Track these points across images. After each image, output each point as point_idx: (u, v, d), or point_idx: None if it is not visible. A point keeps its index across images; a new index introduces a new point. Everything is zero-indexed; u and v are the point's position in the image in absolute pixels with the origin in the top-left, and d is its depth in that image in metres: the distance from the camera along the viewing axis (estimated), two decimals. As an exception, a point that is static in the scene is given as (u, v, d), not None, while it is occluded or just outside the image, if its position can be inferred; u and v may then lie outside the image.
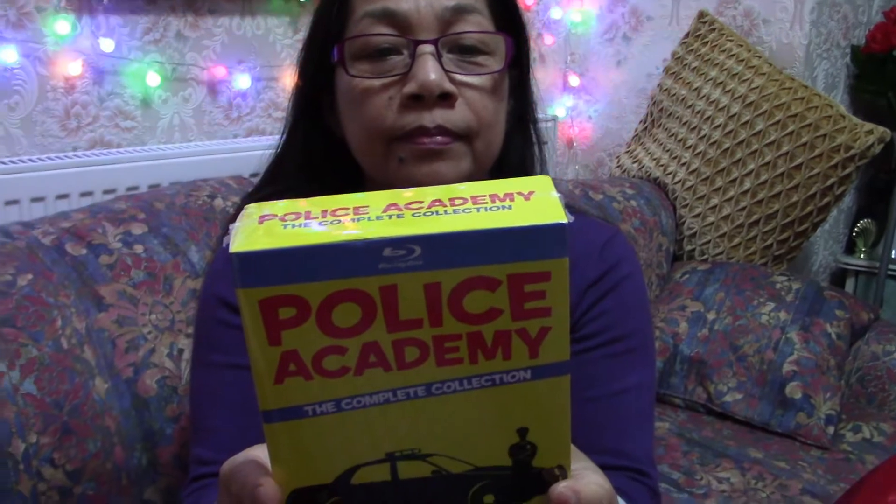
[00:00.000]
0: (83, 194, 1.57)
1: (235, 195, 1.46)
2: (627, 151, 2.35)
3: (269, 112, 1.91)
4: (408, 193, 0.47)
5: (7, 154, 1.57)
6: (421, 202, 0.46)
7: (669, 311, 1.91)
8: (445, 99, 0.78)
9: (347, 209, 0.46)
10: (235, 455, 0.56)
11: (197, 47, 1.78)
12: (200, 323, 0.90)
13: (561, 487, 0.49)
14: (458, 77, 0.79)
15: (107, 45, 1.63)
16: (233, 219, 0.94)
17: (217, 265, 0.90)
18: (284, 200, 0.48)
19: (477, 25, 0.80)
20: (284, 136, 0.92)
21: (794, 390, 1.73)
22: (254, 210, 0.47)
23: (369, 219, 0.45)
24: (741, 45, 2.15)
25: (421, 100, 0.77)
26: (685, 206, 2.14)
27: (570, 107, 2.59)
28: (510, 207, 0.45)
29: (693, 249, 2.14)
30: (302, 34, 0.84)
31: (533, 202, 0.45)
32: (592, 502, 0.50)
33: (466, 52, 0.80)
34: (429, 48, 0.78)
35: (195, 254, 1.33)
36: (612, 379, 0.85)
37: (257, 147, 0.93)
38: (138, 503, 1.20)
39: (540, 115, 0.94)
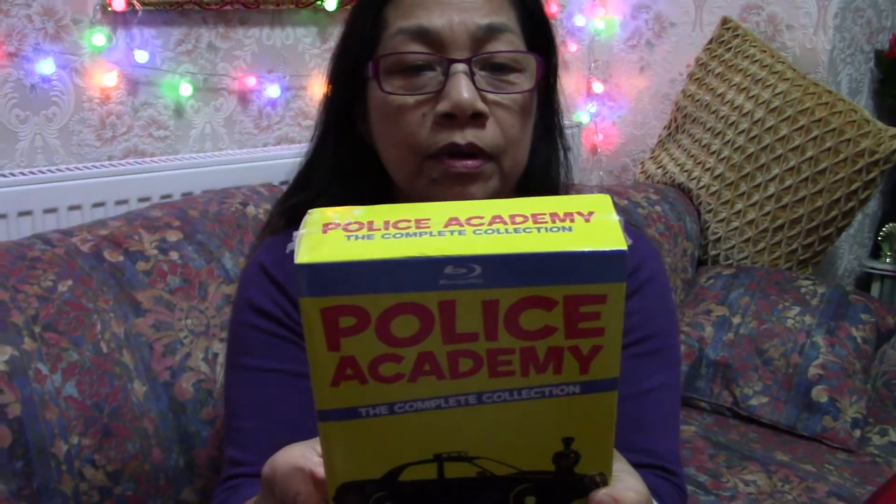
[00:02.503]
0: (118, 202, 1.60)
1: (267, 203, 1.49)
2: (651, 157, 2.36)
3: (298, 121, 1.94)
4: (468, 207, 0.48)
5: (45, 164, 1.62)
6: (482, 218, 0.47)
7: (695, 316, 1.92)
8: (477, 118, 0.80)
9: (409, 221, 0.47)
10: (276, 455, 0.58)
11: (228, 58, 1.81)
12: (233, 327, 0.92)
13: (601, 495, 0.51)
14: (490, 96, 0.81)
15: (141, 56, 1.67)
16: (268, 225, 0.97)
17: (250, 271, 0.93)
18: (345, 207, 0.49)
19: (509, 44, 0.82)
20: (315, 144, 0.94)
21: (819, 394, 1.74)
22: (317, 217, 0.48)
23: (431, 234, 0.46)
24: (765, 51, 2.16)
25: (453, 118, 0.79)
26: (710, 211, 2.15)
27: (593, 113, 2.61)
28: (570, 229, 0.46)
29: (718, 254, 2.15)
30: (330, 44, 0.86)
31: (593, 224, 0.46)
32: None
33: (498, 70, 0.82)
34: (462, 67, 0.80)
35: (229, 260, 1.37)
36: (638, 379, 0.87)
37: (287, 155, 0.96)
38: None
39: (565, 122, 0.97)
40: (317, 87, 1.94)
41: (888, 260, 2.49)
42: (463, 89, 0.79)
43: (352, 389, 0.47)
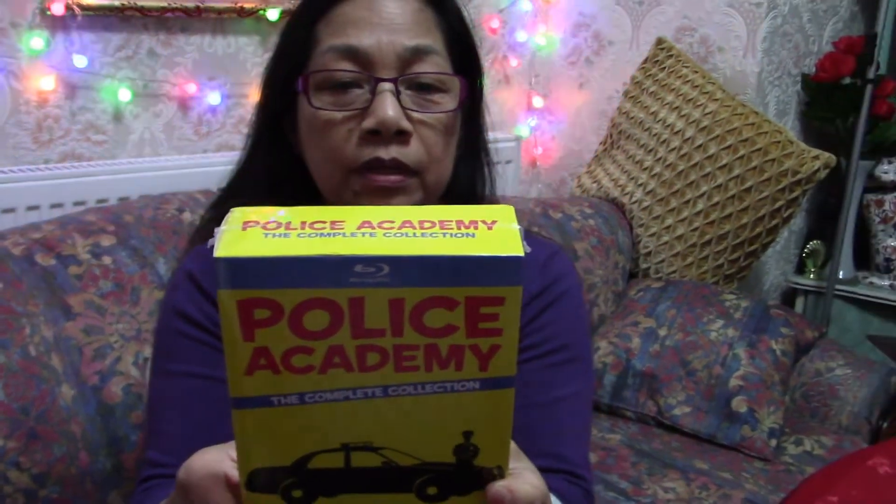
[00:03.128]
0: (54, 206, 1.60)
1: (204, 209, 1.50)
2: (587, 172, 2.42)
3: (238, 128, 1.95)
4: (381, 212, 0.52)
5: (-21, 166, 1.61)
6: (393, 222, 0.50)
7: (623, 327, 1.98)
8: (401, 135, 0.83)
9: (325, 222, 0.50)
10: (191, 459, 0.60)
11: (168, 64, 1.83)
12: (159, 333, 0.94)
13: (497, 486, 0.55)
14: (415, 115, 0.84)
15: (80, 60, 1.67)
16: (199, 231, 0.99)
17: (177, 278, 0.94)
18: (266, 207, 0.52)
19: (435, 66, 0.85)
20: (246, 153, 0.97)
21: (739, 404, 1.80)
22: (238, 215, 0.51)
23: (344, 234, 0.49)
24: (696, 72, 2.23)
25: (378, 134, 0.82)
26: (641, 225, 2.21)
27: (533, 127, 2.66)
28: (473, 235, 0.49)
29: (648, 268, 2.22)
30: (271, 53, 0.89)
31: (495, 232, 0.50)
32: (526, 501, 0.55)
33: (424, 89, 0.85)
34: (388, 86, 0.83)
35: (163, 266, 1.38)
36: (551, 387, 0.91)
37: (226, 162, 0.98)
38: (102, 506, 1.24)
39: (502, 136, 1.00)
40: (258, 96, 1.96)
41: (812, 276, 2.58)
42: (388, 107, 0.82)
43: (265, 379, 0.50)
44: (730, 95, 2.17)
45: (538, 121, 2.67)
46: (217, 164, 1.84)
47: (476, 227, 0.50)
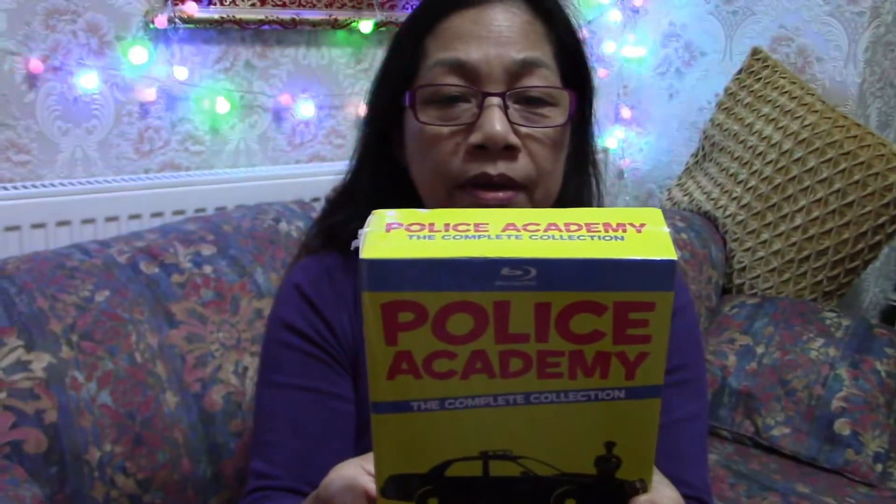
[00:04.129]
0: (154, 214, 1.64)
1: (299, 219, 1.52)
2: (678, 184, 2.37)
3: (330, 139, 1.97)
4: (525, 214, 0.50)
5: (84, 175, 1.65)
6: (538, 225, 0.49)
7: (718, 344, 1.92)
8: (509, 150, 0.81)
9: (469, 225, 0.49)
10: (329, 475, 0.60)
11: (264, 76, 1.85)
12: (266, 345, 0.95)
13: (641, 501, 0.53)
14: (523, 129, 0.82)
15: (180, 72, 1.71)
16: (306, 245, 0.99)
17: (285, 290, 0.95)
18: (409, 210, 0.51)
19: (544, 79, 0.84)
20: (353, 166, 0.96)
21: (842, 426, 1.74)
22: (381, 217, 0.50)
23: (489, 237, 0.48)
24: (794, 83, 2.17)
25: (486, 150, 0.81)
26: (735, 239, 2.16)
27: (621, 138, 2.63)
28: (622, 238, 0.48)
29: (742, 283, 2.16)
30: (364, 65, 0.89)
31: (644, 235, 0.48)
32: None
33: (532, 103, 0.83)
34: (496, 100, 0.81)
35: (261, 275, 1.39)
36: (667, 410, 0.88)
37: (319, 173, 0.99)
38: (202, 513, 1.25)
39: (598, 152, 0.98)
40: (350, 107, 1.98)
41: (914, 294, 2.48)
42: (496, 122, 0.80)
43: (406, 383, 0.49)
44: (829, 107, 2.10)
45: (626, 132, 2.63)
46: (309, 174, 1.88)
47: (625, 230, 0.49)
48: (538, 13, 0.86)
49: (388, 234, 0.49)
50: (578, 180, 0.94)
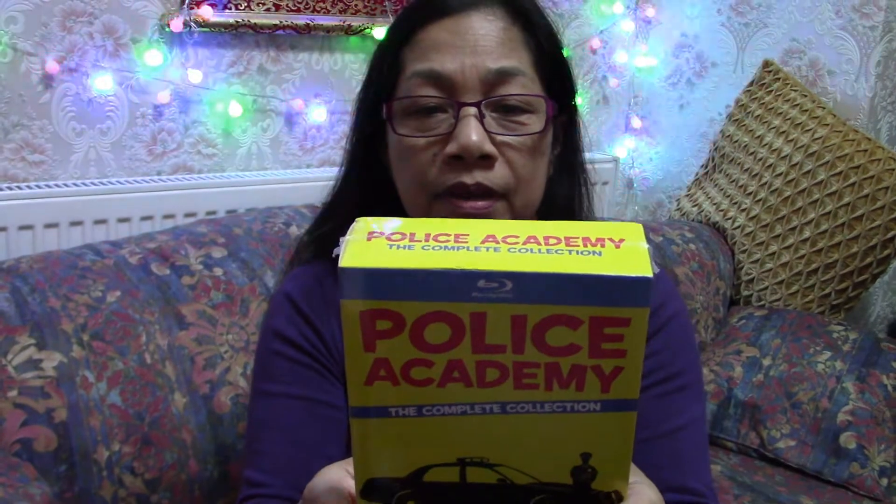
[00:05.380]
0: (166, 216, 1.65)
1: (309, 223, 1.52)
2: (687, 195, 2.37)
3: (341, 144, 1.97)
4: (505, 226, 0.51)
5: (97, 176, 1.67)
6: (517, 237, 0.50)
7: (725, 355, 1.92)
8: (486, 159, 0.82)
9: (449, 235, 0.50)
10: (314, 478, 0.61)
11: (277, 80, 1.86)
12: (258, 354, 0.95)
13: None
14: (500, 138, 0.82)
15: (194, 76, 1.72)
16: (297, 254, 1.00)
17: (276, 300, 0.95)
18: (391, 218, 0.52)
19: (521, 87, 0.83)
20: (341, 176, 0.97)
21: (848, 440, 1.73)
22: (363, 226, 0.51)
23: (468, 248, 0.49)
24: (805, 96, 2.17)
25: (462, 159, 0.81)
26: (744, 251, 2.16)
27: (631, 148, 2.63)
28: (600, 254, 0.48)
29: (750, 295, 2.16)
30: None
31: (623, 251, 0.49)
32: None
33: (509, 111, 0.83)
34: (472, 110, 0.81)
35: (270, 279, 1.40)
36: (667, 417, 0.88)
37: (329, 177, 0.99)
38: (209, 514, 1.26)
39: (599, 156, 0.98)
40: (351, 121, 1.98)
41: (922, 309, 2.47)
42: (471, 132, 0.80)
43: (384, 389, 0.50)
44: (840, 120, 2.10)
45: (636, 142, 2.64)
46: (319, 179, 1.86)
47: (603, 245, 0.49)
48: (516, 20, 0.86)
49: (368, 243, 0.50)
50: (568, 185, 0.94)
